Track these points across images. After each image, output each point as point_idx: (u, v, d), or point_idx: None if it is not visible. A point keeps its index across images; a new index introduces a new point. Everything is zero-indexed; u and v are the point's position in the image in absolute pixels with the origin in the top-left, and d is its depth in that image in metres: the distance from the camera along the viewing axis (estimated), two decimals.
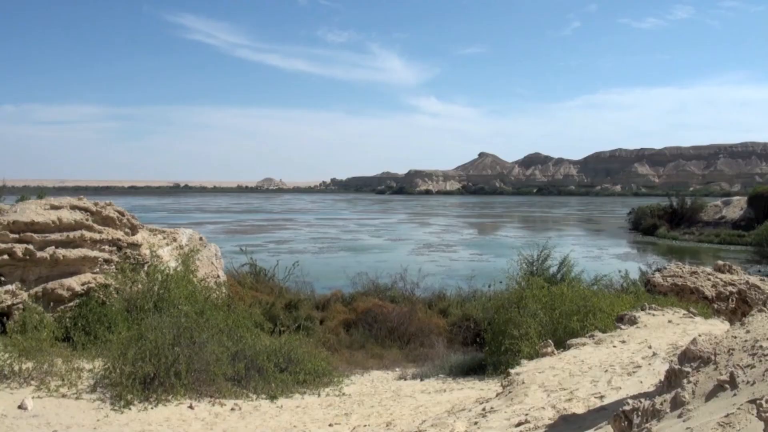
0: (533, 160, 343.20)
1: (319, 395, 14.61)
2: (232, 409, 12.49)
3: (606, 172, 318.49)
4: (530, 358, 12.26)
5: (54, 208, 19.32)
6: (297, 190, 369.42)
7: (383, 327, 24.71)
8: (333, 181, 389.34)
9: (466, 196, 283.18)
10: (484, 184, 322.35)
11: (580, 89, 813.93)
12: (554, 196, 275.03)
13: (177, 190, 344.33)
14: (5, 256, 17.62)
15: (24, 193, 38.00)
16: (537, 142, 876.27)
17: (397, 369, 20.02)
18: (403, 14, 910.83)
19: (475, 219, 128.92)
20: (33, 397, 11.95)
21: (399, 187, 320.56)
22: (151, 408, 12.10)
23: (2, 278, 17.65)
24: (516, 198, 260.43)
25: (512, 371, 9.49)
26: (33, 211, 18.82)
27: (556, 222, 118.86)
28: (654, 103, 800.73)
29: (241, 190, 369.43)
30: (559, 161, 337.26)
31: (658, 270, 24.30)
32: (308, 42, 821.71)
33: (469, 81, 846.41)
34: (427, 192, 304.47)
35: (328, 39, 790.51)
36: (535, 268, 25.70)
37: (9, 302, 17.21)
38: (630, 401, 4.89)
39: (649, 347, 9.61)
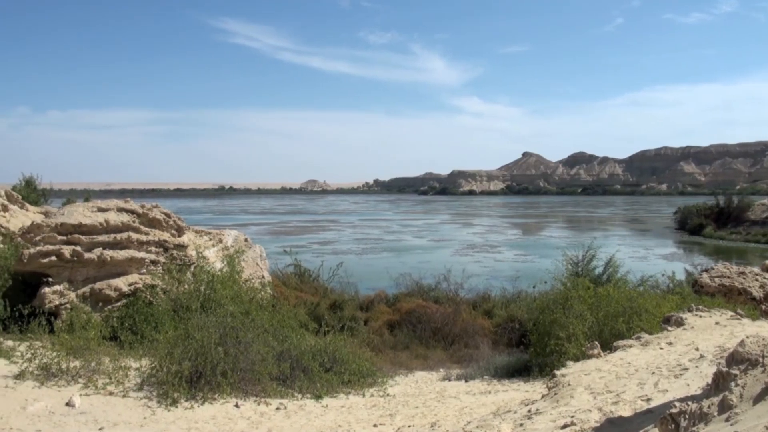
0: (578, 160, 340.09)
1: (363, 395, 14.65)
2: (278, 409, 12.57)
3: (651, 170, 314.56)
4: (576, 359, 12.18)
5: (101, 210, 19.60)
6: (340, 192, 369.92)
7: (427, 328, 24.67)
8: (376, 182, 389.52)
9: (510, 196, 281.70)
10: (528, 184, 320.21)
11: (625, 87, 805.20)
12: (599, 195, 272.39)
13: (222, 192, 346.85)
14: (53, 258, 17.91)
15: (70, 196, 38.59)
16: (581, 141, 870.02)
17: (441, 370, 19.98)
18: (444, 14, 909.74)
19: (520, 219, 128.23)
20: (80, 395, 12.13)
21: (442, 187, 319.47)
22: (198, 406, 12.22)
23: (50, 279, 17.94)
24: (560, 198, 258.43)
25: (558, 373, 9.43)
26: (80, 214, 19.11)
27: (602, 222, 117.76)
28: (699, 99, 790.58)
29: (285, 191, 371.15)
30: (604, 160, 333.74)
31: (706, 270, 24.01)
32: (350, 44, 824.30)
33: (511, 80, 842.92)
34: (471, 192, 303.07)
35: (370, 40, 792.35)
36: (580, 269, 25.49)
37: (57, 302, 17.50)
38: (677, 404, 4.86)
39: (696, 349, 9.50)
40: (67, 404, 11.63)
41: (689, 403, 4.79)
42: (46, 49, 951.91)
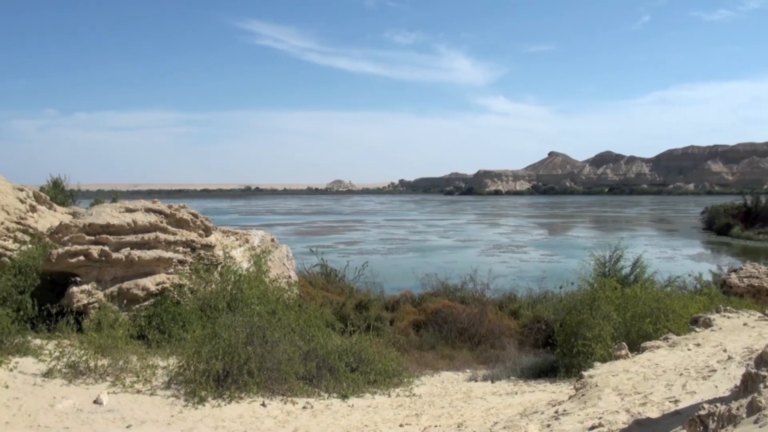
0: (604, 159, 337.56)
1: (389, 395, 14.66)
2: (304, 408, 12.61)
3: (678, 170, 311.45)
4: (603, 360, 12.14)
5: (129, 210, 19.74)
6: (366, 192, 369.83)
7: (453, 328, 24.64)
8: (401, 182, 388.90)
9: (536, 196, 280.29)
10: (554, 183, 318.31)
11: (651, 85, 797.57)
12: (626, 195, 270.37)
13: (248, 192, 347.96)
14: (81, 258, 18.07)
15: (98, 196, 38.88)
16: (608, 140, 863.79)
17: (467, 370, 19.96)
18: (469, 14, 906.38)
19: (546, 219, 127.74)
20: (108, 393, 12.25)
21: (468, 187, 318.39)
22: (225, 405, 12.30)
23: (78, 278, 18.10)
24: (587, 198, 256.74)
25: (585, 374, 9.40)
26: (108, 214, 19.26)
27: (629, 222, 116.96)
28: (726, 97, 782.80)
29: (311, 191, 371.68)
30: (631, 159, 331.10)
31: (734, 270, 23.81)
32: (375, 44, 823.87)
33: (537, 79, 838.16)
34: (497, 192, 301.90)
35: (395, 41, 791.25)
36: (607, 269, 25.35)
37: (85, 301, 17.64)
38: (706, 406, 4.83)
39: (724, 351, 9.44)
40: (95, 402, 11.74)
41: (718, 405, 4.76)
42: (72, 51, 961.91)
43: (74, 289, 17.74)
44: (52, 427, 10.37)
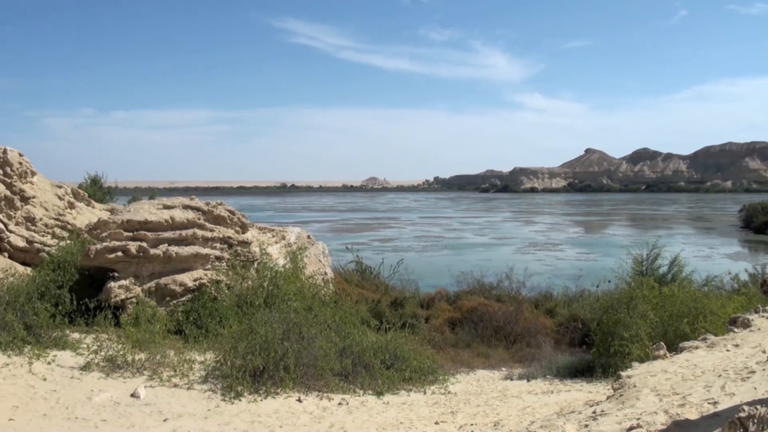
0: (641, 156, 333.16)
1: (425, 393, 14.65)
2: (340, 404, 12.63)
3: (716, 167, 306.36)
4: (640, 360, 12.03)
5: (167, 207, 19.92)
6: (401, 189, 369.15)
7: (489, 326, 24.59)
8: (436, 179, 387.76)
9: (572, 194, 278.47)
10: (590, 181, 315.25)
11: (688, 81, 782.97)
12: (663, 193, 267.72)
13: (284, 189, 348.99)
14: (119, 253, 18.27)
15: (135, 193, 39.21)
16: (645, 136, 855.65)
17: (503, 369, 19.90)
18: (505, 9, 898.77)
19: (582, 217, 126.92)
20: (145, 386, 12.36)
21: (503, 185, 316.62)
22: (261, 400, 12.35)
23: (116, 274, 18.31)
24: (623, 195, 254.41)
25: (623, 374, 9.31)
26: (146, 211, 19.45)
27: (665, 220, 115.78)
28: (765, 93, 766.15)
29: (346, 189, 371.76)
30: (668, 156, 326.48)
31: None
32: (411, 41, 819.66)
33: (574, 75, 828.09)
34: (533, 190, 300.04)
35: (431, 37, 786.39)
36: (644, 268, 25.19)
37: (123, 296, 17.85)
38: (746, 408, 4.77)
39: (764, 352, 9.31)
40: (132, 395, 11.86)
41: (758, 407, 4.70)
42: (110, 51, 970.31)
43: (112, 284, 17.95)
44: (90, 420, 10.49)
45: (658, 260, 25.90)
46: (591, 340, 19.57)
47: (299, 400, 12.50)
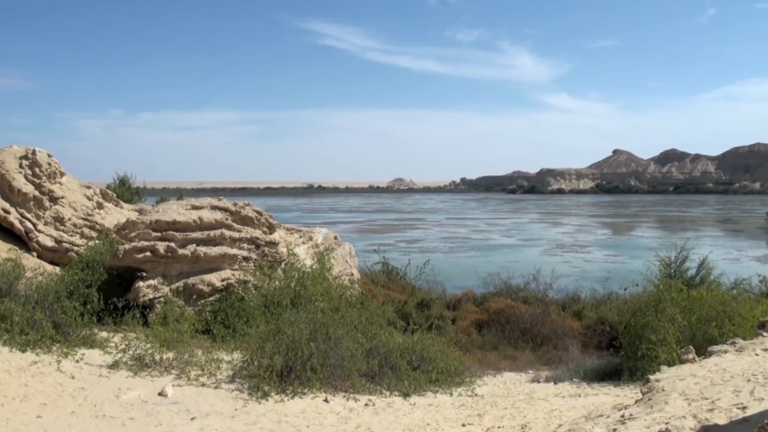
0: (669, 157, 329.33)
1: (451, 394, 14.64)
2: (366, 405, 12.66)
3: (745, 168, 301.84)
4: (668, 364, 11.95)
5: (195, 208, 20.04)
6: (427, 190, 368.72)
7: (516, 328, 24.50)
8: (463, 180, 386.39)
9: (599, 195, 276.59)
10: (618, 182, 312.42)
11: (717, 80, 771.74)
12: (691, 194, 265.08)
13: (310, 190, 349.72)
14: (148, 253, 18.41)
15: (163, 194, 39.61)
16: (673, 137, 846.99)
17: (530, 371, 19.83)
18: (532, 10, 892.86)
19: (610, 219, 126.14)
20: (173, 385, 12.48)
21: (530, 186, 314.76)
22: (288, 400, 12.42)
23: (145, 273, 18.45)
24: (651, 197, 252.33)
25: (652, 377, 9.26)
26: (175, 211, 19.58)
27: (693, 222, 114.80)
28: None
29: (373, 190, 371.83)
30: (696, 157, 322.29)
31: None
32: (438, 42, 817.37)
33: (601, 75, 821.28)
34: (560, 191, 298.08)
35: (458, 38, 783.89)
36: (673, 271, 24.99)
37: (151, 296, 17.98)
38: None
39: None
40: (160, 394, 11.96)
41: None
42: (138, 53, 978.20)
43: (140, 283, 18.08)
44: (117, 418, 10.58)
45: (686, 263, 25.67)
46: (619, 344, 19.42)
47: (326, 401, 12.54)
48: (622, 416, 7.80)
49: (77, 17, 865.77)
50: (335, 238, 26.70)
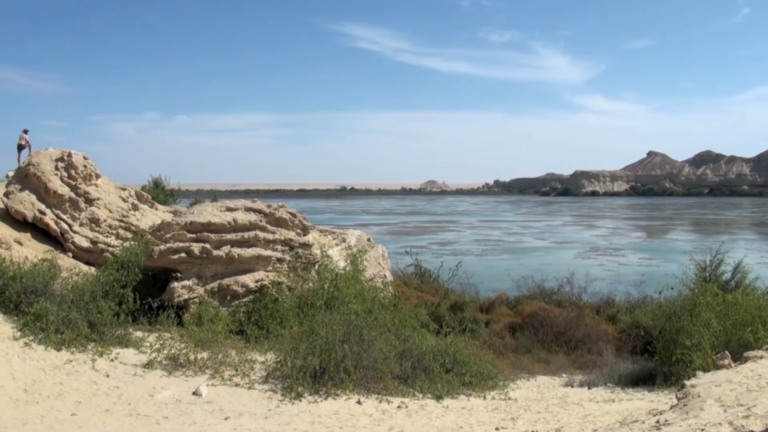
0: (704, 159, 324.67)
1: (484, 398, 14.59)
2: (399, 407, 12.65)
3: None
4: (703, 369, 11.83)
5: (229, 210, 20.18)
6: (460, 192, 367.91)
7: (549, 332, 24.38)
8: (496, 182, 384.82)
9: (634, 198, 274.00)
10: (653, 184, 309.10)
11: (753, 81, 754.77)
12: (726, 197, 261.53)
13: (343, 192, 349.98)
14: (183, 254, 18.56)
15: (197, 196, 39.90)
16: (708, 138, 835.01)
17: (563, 375, 19.71)
18: (566, 10, 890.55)
19: (644, 221, 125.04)
20: (207, 385, 12.60)
21: (564, 188, 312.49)
22: (321, 401, 12.45)
23: (179, 274, 18.60)
24: (686, 199, 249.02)
25: (687, 383, 9.17)
26: (209, 213, 19.73)
27: (728, 225, 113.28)
28: None
29: (405, 192, 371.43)
30: (731, 159, 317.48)
31: None
32: (470, 43, 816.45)
33: (636, 76, 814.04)
34: (594, 193, 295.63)
35: (491, 39, 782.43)
36: (708, 275, 24.70)
37: (186, 296, 18.13)
38: None
39: None
40: (194, 393, 12.07)
41: None
42: (174, 57, 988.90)
43: (175, 284, 18.22)
44: (152, 416, 10.68)
45: (722, 266, 25.38)
46: (653, 348, 19.22)
47: (359, 402, 12.55)
48: (657, 422, 7.74)
49: (113, 21, 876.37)
50: (368, 240, 26.73)
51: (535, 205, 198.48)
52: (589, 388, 16.75)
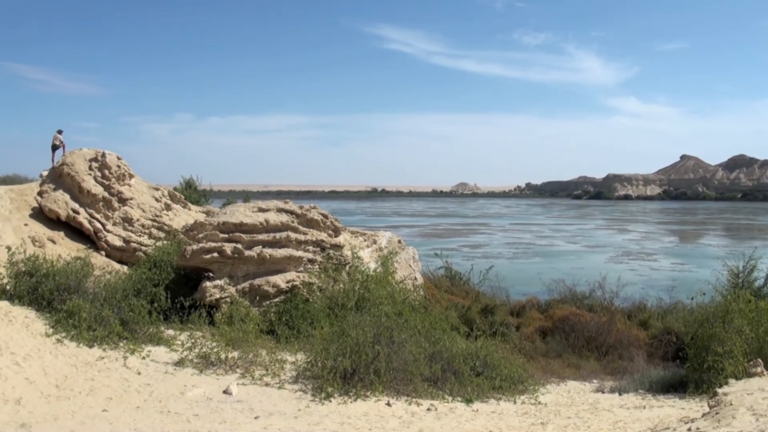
0: (738, 163, 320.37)
1: (514, 402, 14.54)
2: (428, 409, 12.64)
3: None
4: (735, 377, 11.72)
5: (262, 210, 20.28)
6: (491, 195, 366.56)
7: (580, 336, 24.25)
8: (528, 185, 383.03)
9: (666, 202, 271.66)
10: (686, 188, 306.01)
11: None
12: (759, 201, 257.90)
13: (374, 194, 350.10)
14: (215, 254, 18.69)
15: (229, 197, 40.20)
16: (742, 142, 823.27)
17: (594, 381, 19.61)
18: (600, 12, 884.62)
19: (676, 226, 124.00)
20: (237, 384, 12.66)
21: (596, 191, 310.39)
22: (350, 402, 12.45)
23: (211, 274, 18.72)
24: (719, 204, 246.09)
25: (719, 391, 9.10)
26: (242, 213, 19.84)
27: (761, 230, 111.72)
28: None
29: (436, 194, 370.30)
30: (765, 163, 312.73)
31: None
32: (503, 46, 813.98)
33: (669, 78, 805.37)
34: (626, 197, 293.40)
35: (524, 41, 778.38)
36: (740, 281, 24.46)
37: (217, 296, 18.24)
38: None
39: None
40: (225, 392, 12.15)
41: None
42: (206, 59, 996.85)
43: (207, 283, 18.34)
44: (182, 414, 10.73)
45: (754, 272, 25.14)
46: (685, 355, 19.05)
47: (388, 404, 12.55)
48: (689, 430, 7.69)
49: (147, 23, 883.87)
50: (399, 241, 26.76)
51: (567, 209, 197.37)
52: (620, 394, 16.65)
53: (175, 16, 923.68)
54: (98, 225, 22.18)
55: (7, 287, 15.53)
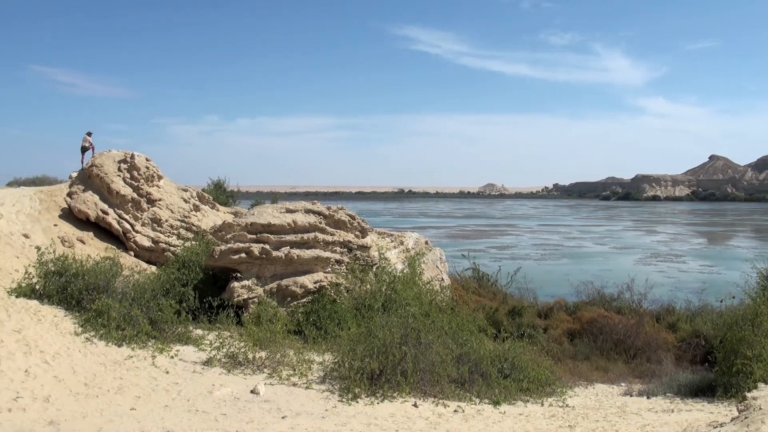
0: (767, 163, 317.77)
1: (542, 404, 14.50)
2: (455, 411, 12.63)
3: None
4: (764, 381, 11.63)
5: (289, 211, 20.38)
6: (519, 196, 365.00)
7: (609, 339, 24.10)
8: (555, 186, 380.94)
9: (695, 203, 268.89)
10: (714, 189, 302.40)
11: None
12: None
13: (401, 195, 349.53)
14: (243, 255, 18.82)
15: (257, 198, 40.37)
16: None
17: (622, 384, 19.49)
18: (628, 11, 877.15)
19: (705, 227, 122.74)
20: (265, 384, 12.77)
21: (625, 192, 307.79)
22: (378, 403, 12.50)
23: (239, 274, 18.84)
24: (748, 205, 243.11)
25: (749, 395, 9.03)
26: (269, 214, 19.94)
27: None
28: None
29: (463, 195, 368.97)
30: None
31: None
32: (531, 46, 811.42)
33: (699, 78, 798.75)
34: (655, 198, 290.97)
35: (551, 42, 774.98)
36: None
37: (245, 296, 18.36)
38: None
39: None
40: (252, 392, 12.22)
41: None
42: (234, 61, 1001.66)
43: (235, 284, 18.47)
44: (210, 413, 10.81)
45: None
46: (714, 358, 18.88)
47: (415, 405, 12.57)
48: None
49: (175, 26, 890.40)
50: (426, 242, 26.76)
51: (595, 210, 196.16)
52: (648, 398, 16.54)
53: (203, 18, 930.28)
54: (127, 225, 22.39)
55: (37, 287, 15.74)
